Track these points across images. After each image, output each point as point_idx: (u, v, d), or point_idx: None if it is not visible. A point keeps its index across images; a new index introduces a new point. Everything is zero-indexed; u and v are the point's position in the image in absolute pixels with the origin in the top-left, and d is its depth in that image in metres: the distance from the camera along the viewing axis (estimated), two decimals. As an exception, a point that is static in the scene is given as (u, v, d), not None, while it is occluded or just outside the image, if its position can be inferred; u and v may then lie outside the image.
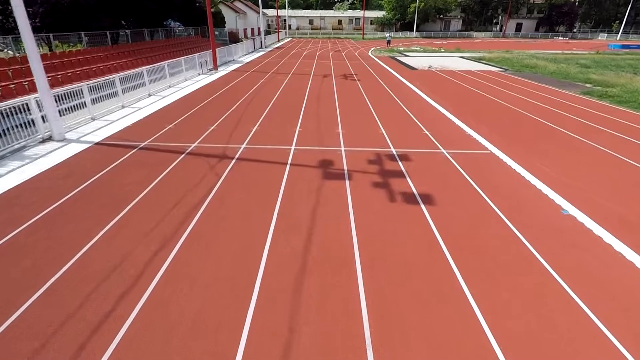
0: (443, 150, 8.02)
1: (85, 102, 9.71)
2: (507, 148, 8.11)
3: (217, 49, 21.58)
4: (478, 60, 26.74)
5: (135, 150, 7.68)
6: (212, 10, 39.16)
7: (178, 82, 15.99)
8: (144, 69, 13.05)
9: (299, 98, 13.13)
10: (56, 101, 8.36)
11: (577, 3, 69.42)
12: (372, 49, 37.48)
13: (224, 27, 40.25)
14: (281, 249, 4.42)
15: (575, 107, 12.37)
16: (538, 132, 9.53)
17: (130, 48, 19.75)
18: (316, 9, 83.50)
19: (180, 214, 5.15)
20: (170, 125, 9.43)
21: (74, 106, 9.40)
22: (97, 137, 8.50)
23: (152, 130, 8.97)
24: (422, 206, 5.52)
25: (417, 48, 36.76)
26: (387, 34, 38.58)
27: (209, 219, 5.06)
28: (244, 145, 8.09)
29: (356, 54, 31.29)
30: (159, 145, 8.00)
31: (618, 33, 61.45)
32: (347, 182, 6.36)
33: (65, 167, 6.78)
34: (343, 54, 31.59)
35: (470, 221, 5.11)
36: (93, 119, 9.87)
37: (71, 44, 23.38)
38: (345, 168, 6.99)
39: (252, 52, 31.51)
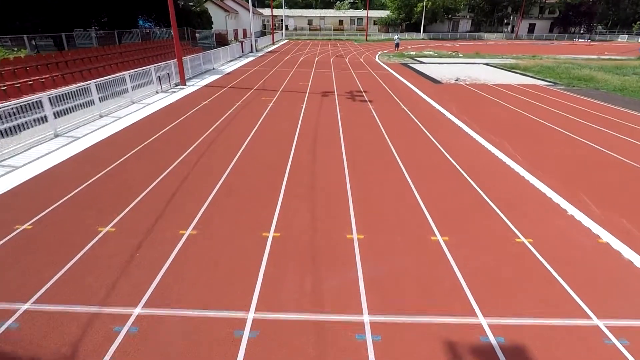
0: (596, 321, 3.46)
1: None
2: None
3: (189, 57, 17.03)
4: (510, 68, 22.19)
5: None
6: (197, 9, 34.66)
7: (120, 106, 11.43)
8: (48, 94, 8.50)
9: (284, 144, 8.59)
10: None
11: (594, 3, 64.85)
12: (379, 53, 32.92)
13: (211, 27, 35.70)
14: None
15: None
16: None
17: (71, 57, 15.17)
18: (316, 8, 78.94)
19: None
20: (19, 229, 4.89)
21: None
22: None
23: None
24: None
25: (431, 52, 32.23)
26: (396, 37, 34.07)
27: None
28: (135, 313, 3.53)
29: (361, 60, 26.74)
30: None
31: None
32: None
33: None
34: (346, 59, 27.04)
35: None
36: None
37: (14, 50, 18.85)
38: None
39: (240, 57, 26.95)
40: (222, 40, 35.03)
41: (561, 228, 4.99)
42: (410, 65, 23.84)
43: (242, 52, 28.66)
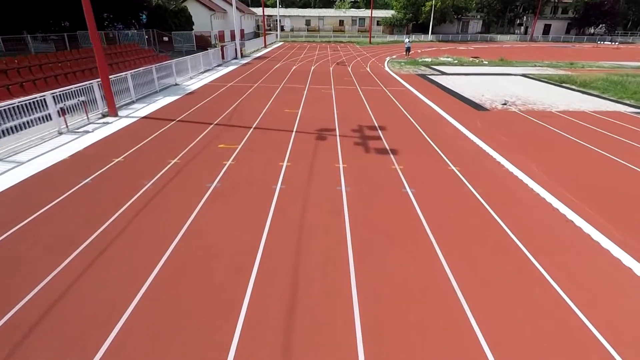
0: None
1: None
2: None
3: (132, 73, 12.11)
4: (560, 83, 17.27)
5: None
6: (174, 7, 29.72)
7: (-39, 170, 6.52)
8: None
9: (221, 311, 3.65)
10: None
11: (615, 1, 59.94)
12: (388, 59, 28.00)
13: (192, 29, 30.78)
14: None
15: None
16: None
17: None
18: (314, 7, 74.07)
19: None
20: None
21: None
22: None
23: None
24: None
25: (450, 59, 27.31)
26: (406, 40, 29.12)
27: None
28: None
29: (367, 69, 21.84)
30: None
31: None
32: None
33: None
34: (349, 68, 22.12)
35: None
36: None
37: None
38: None
39: (219, 66, 22.03)
40: (204, 44, 30.11)
41: None
42: (429, 77, 18.93)
43: (224, 58, 23.75)
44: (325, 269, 4.15)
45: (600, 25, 59.24)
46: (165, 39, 25.58)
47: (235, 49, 25.88)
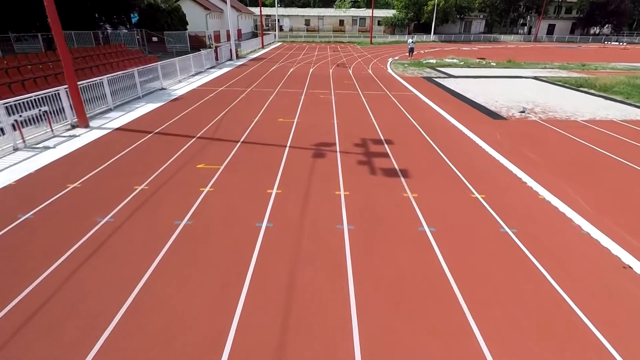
0: None
1: None
2: None
3: (111, 76, 10.88)
4: (578, 86, 16.03)
5: None
6: (167, 6, 28.48)
7: None
8: None
9: None
10: None
11: (622, 1, 58.75)
12: (390, 60, 26.77)
13: (185, 29, 29.54)
14: None
15: None
16: None
17: None
18: (314, 7, 72.86)
19: None
20: None
21: None
22: None
23: None
24: None
25: (455, 60, 26.07)
26: (410, 40, 27.83)
27: None
28: None
29: (369, 71, 20.60)
30: None
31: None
32: None
33: None
34: (349, 70, 20.89)
35: None
36: None
37: None
38: None
39: (212, 68, 20.79)
40: (198, 44, 28.88)
41: None
42: (436, 80, 17.69)
43: (217, 59, 22.50)
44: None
45: (607, 25, 57.98)
46: (155, 39, 24.31)
47: (230, 49, 24.63)
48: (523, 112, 11.50)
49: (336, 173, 6.71)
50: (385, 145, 8.27)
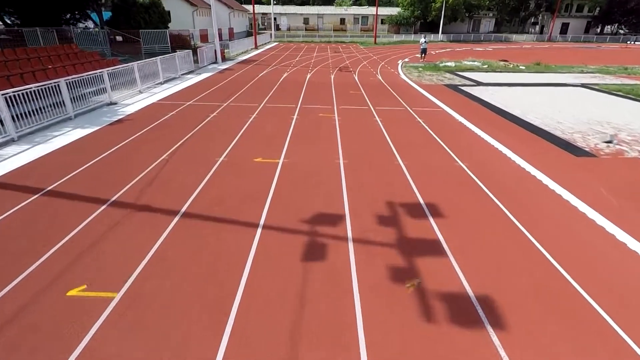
0: None
1: None
2: None
3: (15, 91, 7.35)
4: (637, 96, 12.56)
5: None
6: (144, 1, 24.98)
7: None
8: None
9: None
10: None
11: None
12: (400, 62, 23.27)
13: (167, 27, 26.05)
14: None
15: None
16: None
17: None
18: (313, 4, 69.36)
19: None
20: None
21: None
22: None
23: None
24: None
25: (477, 63, 22.56)
26: (422, 40, 24.27)
27: None
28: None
29: (379, 77, 17.12)
30: None
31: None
32: None
33: None
34: (355, 75, 17.41)
35: None
36: None
37: None
38: None
39: (189, 72, 17.30)
40: (182, 44, 25.36)
41: None
42: (463, 89, 14.19)
43: (199, 62, 19.00)
44: None
45: (624, 24, 54.48)
46: (119, 38, 20.75)
47: (215, 50, 21.11)
48: (610, 142, 8.01)
49: (350, 298, 3.21)
50: (431, 220, 4.77)
